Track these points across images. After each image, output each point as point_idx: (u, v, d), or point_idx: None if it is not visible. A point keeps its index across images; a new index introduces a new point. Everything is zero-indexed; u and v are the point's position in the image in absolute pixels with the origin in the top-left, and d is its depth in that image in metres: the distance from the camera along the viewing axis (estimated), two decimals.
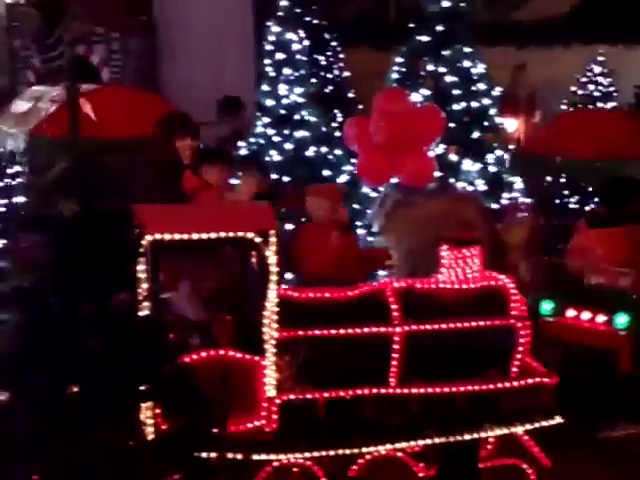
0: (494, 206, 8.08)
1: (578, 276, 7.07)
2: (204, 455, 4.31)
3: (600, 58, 13.03)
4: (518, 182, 8.44)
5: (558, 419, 5.31)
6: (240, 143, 7.16)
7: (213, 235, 4.84)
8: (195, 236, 4.77)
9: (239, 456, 4.75)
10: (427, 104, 7.73)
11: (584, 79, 12.83)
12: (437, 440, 5.13)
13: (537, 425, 5.30)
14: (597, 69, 12.93)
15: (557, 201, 10.01)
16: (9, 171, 10.34)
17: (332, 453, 5.05)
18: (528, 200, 8.62)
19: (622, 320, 6.66)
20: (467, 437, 5.18)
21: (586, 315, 6.82)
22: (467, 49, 8.42)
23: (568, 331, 6.88)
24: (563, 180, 10.74)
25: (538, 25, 13.92)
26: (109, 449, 3.89)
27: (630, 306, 6.71)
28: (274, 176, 6.78)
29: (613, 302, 6.75)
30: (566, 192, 10.11)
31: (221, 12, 9.63)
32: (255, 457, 4.89)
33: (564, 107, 12.65)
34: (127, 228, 4.09)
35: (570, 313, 6.90)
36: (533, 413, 5.30)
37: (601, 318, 6.75)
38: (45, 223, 3.95)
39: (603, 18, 13.64)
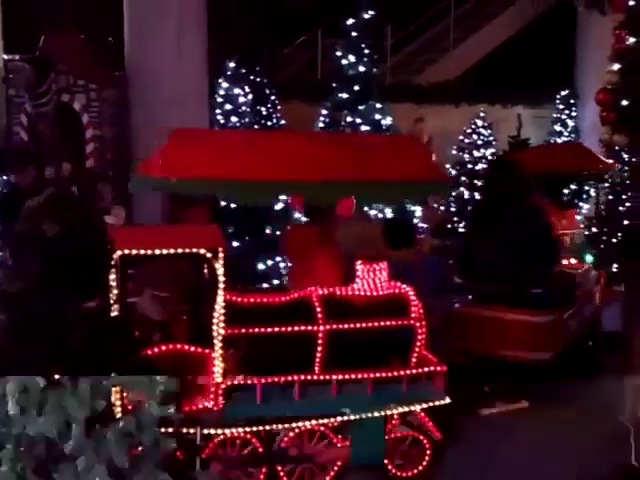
0: None
1: None
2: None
3: (482, 114, 13.27)
4: (418, 211, 8.51)
5: (447, 399, 5.35)
6: None
7: (172, 251, 4.77)
8: (157, 251, 4.69)
9: (192, 431, 4.67)
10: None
11: (469, 130, 13.03)
12: (352, 417, 5.12)
13: (431, 404, 5.33)
14: (479, 122, 13.15)
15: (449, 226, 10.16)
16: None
17: (268, 428, 5.00)
18: (425, 225, 8.71)
19: None
20: (376, 414, 5.18)
21: None
22: (378, 105, 8.49)
23: None
24: (453, 209, 10.93)
25: (434, 88, 14.12)
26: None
27: None
28: (222, 203, 6.70)
29: None
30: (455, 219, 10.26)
31: (182, 71, 9.54)
32: (204, 431, 4.81)
33: (454, 152, 12.83)
34: (100, 245, 4.00)
35: None
36: (428, 395, 5.32)
37: None
38: (32, 240, 3.84)
39: (484, 84, 13.93)
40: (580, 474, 5.48)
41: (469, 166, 11.77)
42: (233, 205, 6.69)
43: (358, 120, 8.34)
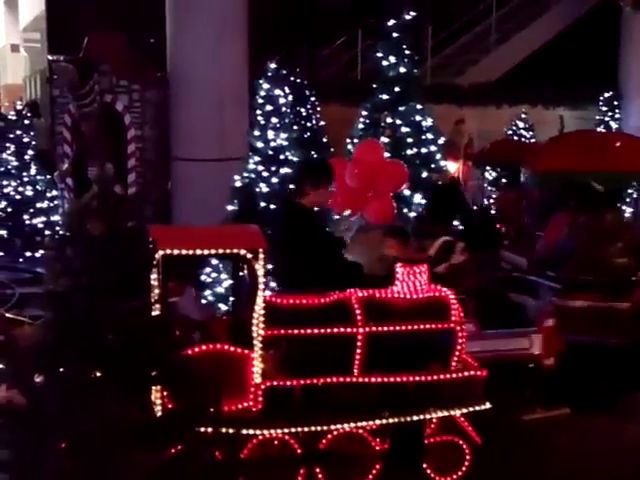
0: None
1: None
2: (202, 430, 4.25)
3: (523, 115, 13.14)
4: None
5: (488, 405, 5.29)
6: (235, 177, 7.07)
7: (213, 251, 4.79)
8: (198, 252, 4.72)
9: (231, 431, 4.68)
10: (394, 160, 7.64)
11: (510, 132, 12.91)
12: (391, 420, 5.09)
13: (471, 409, 5.28)
14: (520, 124, 13.03)
15: None
16: (48, 195, 10.25)
17: (306, 429, 5.00)
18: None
19: None
20: (415, 418, 5.14)
21: None
22: (418, 106, 8.42)
23: None
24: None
25: (475, 89, 14.02)
26: (125, 424, 3.82)
27: None
28: (262, 204, 6.74)
29: None
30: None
31: (222, 71, 9.59)
32: (244, 432, 4.82)
33: None
34: (143, 244, 4.03)
35: None
36: (468, 399, 5.27)
37: None
38: (77, 239, 3.89)
39: (525, 85, 13.79)
40: None
41: None
42: (273, 206, 6.70)
43: (398, 121, 8.29)
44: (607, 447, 5.91)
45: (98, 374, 3.81)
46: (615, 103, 14.10)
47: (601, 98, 14.19)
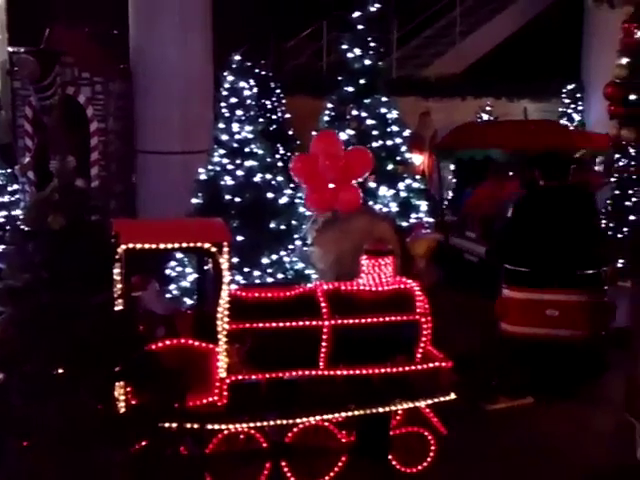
0: (404, 224, 8.09)
1: None
2: (167, 425, 4.22)
3: (488, 108, 13.22)
4: (423, 205, 8.48)
5: (452, 395, 5.33)
6: (200, 170, 7.04)
7: (177, 245, 4.76)
8: (162, 246, 4.68)
9: (196, 426, 4.67)
10: (359, 147, 7.68)
11: None
12: (357, 412, 5.11)
13: (436, 400, 5.31)
14: (485, 116, 13.11)
15: None
16: (9, 189, 10.09)
17: (272, 423, 4.99)
18: (431, 219, 8.68)
19: None
20: (381, 410, 5.17)
21: None
22: (384, 98, 8.42)
23: None
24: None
25: (440, 81, 14.07)
26: (88, 420, 3.79)
27: None
28: (227, 197, 6.70)
29: None
30: None
31: (187, 63, 9.52)
32: (209, 427, 4.81)
33: None
34: (105, 239, 3.99)
35: None
36: (433, 390, 5.31)
37: None
38: (38, 234, 3.83)
39: (490, 78, 13.88)
40: (584, 471, 5.47)
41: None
42: (238, 199, 6.66)
43: (364, 114, 8.29)
44: (570, 435, 6.00)
45: (60, 370, 3.78)
46: (578, 95, 14.23)
47: (564, 90, 14.31)
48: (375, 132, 8.25)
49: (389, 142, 8.31)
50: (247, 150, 6.81)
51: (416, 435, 5.35)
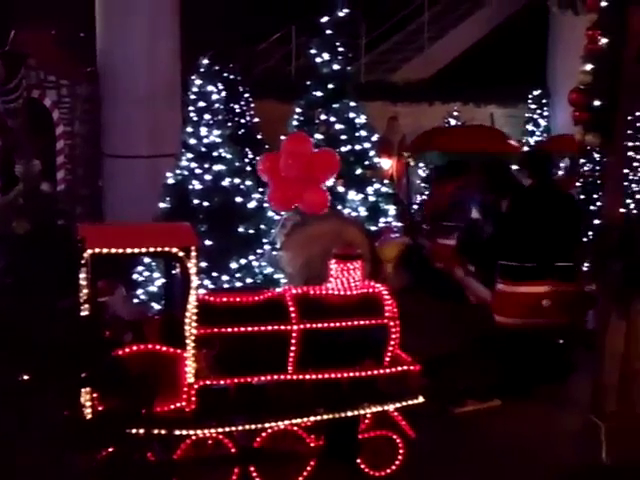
0: (373, 228, 8.12)
1: None
2: (133, 431, 4.18)
3: (455, 113, 13.33)
4: (391, 209, 8.52)
5: (421, 399, 5.35)
6: (167, 174, 7.01)
7: (144, 250, 4.72)
8: (129, 250, 4.64)
9: (163, 432, 4.63)
10: (325, 148, 7.72)
11: None
12: (325, 416, 5.11)
13: (405, 404, 5.33)
14: (453, 121, 13.22)
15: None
16: None
17: (240, 428, 4.98)
18: (399, 224, 8.72)
19: None
20: (349, 414, 5.17)
21: None
22: (352, 103, 8.45)
23: None
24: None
25: (408, 86, 14.16)
26: (54, 426, 3.75)
27: None
28: (195, 201, 6.67)
29: None
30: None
31: (154, 66, 9.48)
32: (177, 432, 4.77)
33: None
34: (71, 243, 3.95)
35: None
36: (401, 394, 5.32)
37: None
38: (1, 238, 3.79)
39: (457, 83, 14.00)
40: (551, 472, 5.52)
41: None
42: (206, 203, 6.64)
43: (332, 118, 8.31)
44: (537, 436, 6.04)
45: (25, 377, 3.73)
46: (544, 101, 14.42)
47: (530, 96, 14.49)
48: (344, 136, 8.27)
49: (358, 146, 8.33)
50: (215, 154, 6.79)
51: (385, 439, 5.35)
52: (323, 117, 8.34)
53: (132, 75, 9.36)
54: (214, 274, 6.47)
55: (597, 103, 6.19)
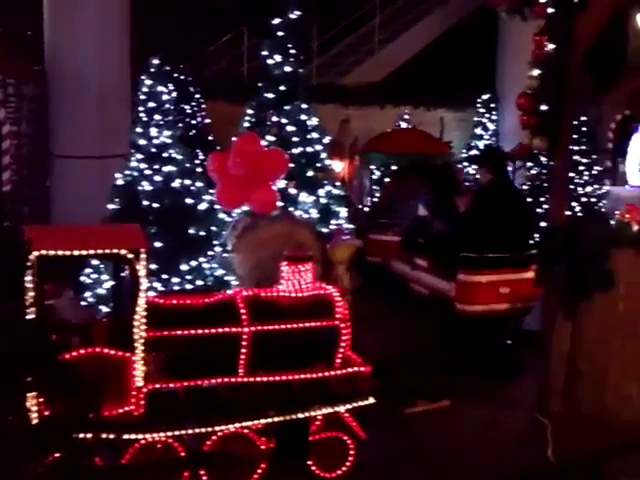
0: (324, 230, 8.14)
1: None
2: (81, 436, 4.13)
3: (406, 116, 13.45)
4: (343, 212, 8.54)
5: (372, 400, 5.37)
6: (117, 174, 6.92)
7: (92, 252, 4.65)
8: (76, 252, 4.57)
9: (111, 436, 4.57)
10: (274, 148, 7.72)
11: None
12: (276, 419, 5.10)
13: (355, 405, 5.35)
14: (403, 125, 13.33)
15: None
16: None
17: (190, 432, 4.93)
18: (351, 226, 8.75)
19: None
20: (300, 416, 5.17)
21: None
22: (304, 105, 8.46)
23: None
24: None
25: (360, 89, 14.24)
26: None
27: None
28: (145, 203, 6.60)
29: None
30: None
31: (103, 66, 9.36)
32: (125, 436, 4.71)
33: None
34: (16, 245, 3.87)
35: None
36: (352, 395, 5.34)
37: None
38: None
39: (408, 87, 14.13)
40: (499, 471, 5.60)
41: (393, 167, 11.86)
42: (156, 205, 6.57)
43: (284, 120, 8.30)
44: (485, 435, 6.13)
45: None
46: (492, 105, 14.63)
47: (479, 100, 14.69)
48: (295, 138, 8.27)
49: (309, 149, 8.34)
50: (165, 155, 6.74)
51: (335, 440, 5.36)
52: (275, 119, 8.33)
53: (81, 74, 9.22)
54: (164, 276, 6.42)
55: (544, 108, 6.30)
